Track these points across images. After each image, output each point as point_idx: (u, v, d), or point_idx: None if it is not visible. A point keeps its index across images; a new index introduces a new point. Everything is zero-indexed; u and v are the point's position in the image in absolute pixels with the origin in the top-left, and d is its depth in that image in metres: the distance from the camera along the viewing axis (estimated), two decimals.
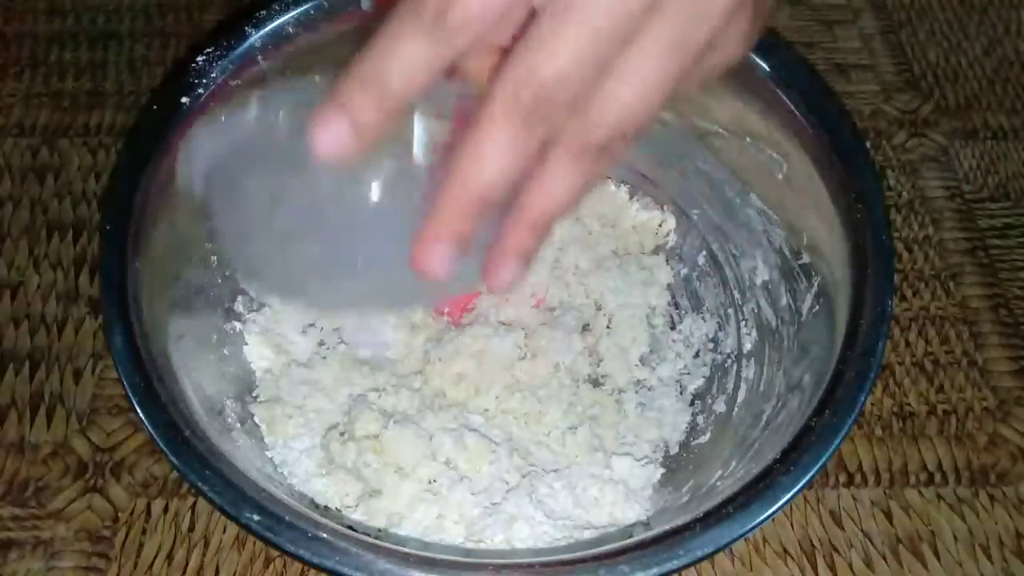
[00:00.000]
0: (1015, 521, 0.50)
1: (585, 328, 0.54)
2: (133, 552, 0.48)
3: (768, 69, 0.47)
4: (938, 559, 0.49)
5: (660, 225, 0.57)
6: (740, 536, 0.35)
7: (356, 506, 0.45)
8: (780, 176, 0.48)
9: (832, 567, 0.49)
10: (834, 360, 0.39)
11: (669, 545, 0.35)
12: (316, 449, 0.47)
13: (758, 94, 0.47)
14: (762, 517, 0.35)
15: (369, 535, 0.37)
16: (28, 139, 0.64)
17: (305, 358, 0.51)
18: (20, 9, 0.71)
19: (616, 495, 0.46)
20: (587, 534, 0.44)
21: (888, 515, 0.50)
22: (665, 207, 0.57)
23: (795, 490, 0.36)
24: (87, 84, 0.67)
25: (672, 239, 0.57)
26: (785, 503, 0.36)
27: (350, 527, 0.38)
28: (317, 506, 0.45)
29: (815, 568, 0.49)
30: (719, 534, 0.35)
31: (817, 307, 0.45)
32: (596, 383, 0.53)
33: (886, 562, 0.49)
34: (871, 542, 0.50)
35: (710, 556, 0.35)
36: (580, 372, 0.52)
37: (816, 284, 0.45)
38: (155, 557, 0.48)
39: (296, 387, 0.49)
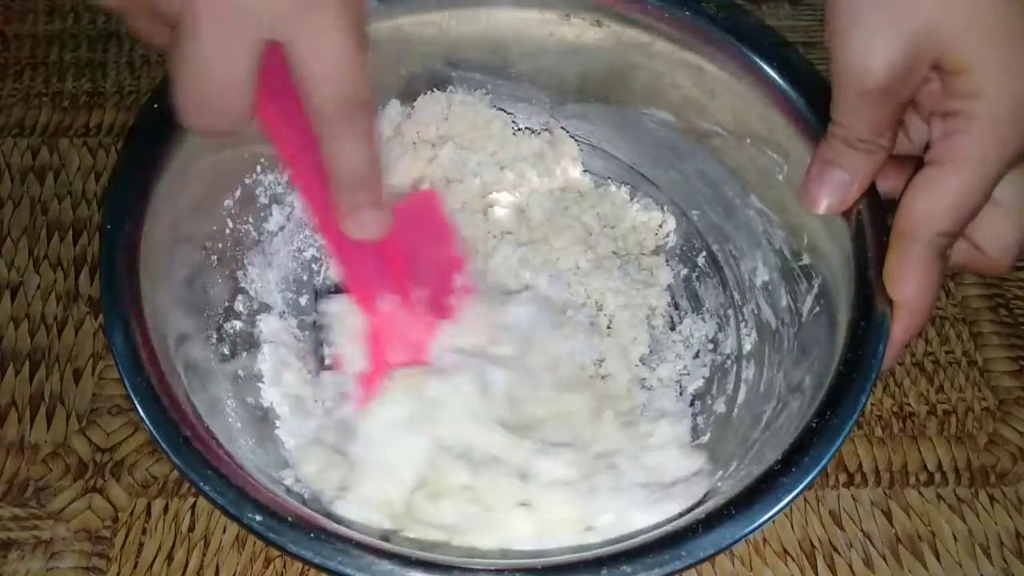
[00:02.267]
0: (1015, 521, 0.50)
1: None
2: (133, 552, 0.48)
3: (768, 69, 0.47)
4: (938, 559, 0.49)
5: (660, 225, 0.57)
6: (741, 537, 0.35)
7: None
8: (780, 176, 0.48)
9: (832, 567, 0.49)
10: (834, 361, 0.39)
11: (671, 546, 0.35)
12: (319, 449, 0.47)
13: (758, 94, 0.47)
14: (763, 518, 0.35)
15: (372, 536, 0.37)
16: (28, 139, 0.64)
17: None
18: (20, 9, 0.71)
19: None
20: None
21: (888, 515, 0.51)
22: (665, 207, 0.57)
23: (796, 491, 0.36)
24: (87, 84, 0.67)
25: (672, 239, 0.57)
26: (786, 504, 0.36)
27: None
28: None
29: (815, 568, 0.49)
30: (721, 535, 0.35)
31: (817, 308, 0.45)
32: None
33: (886, 562, 0.49)
34: (871, 542, 0.50)
35: (712, 557, 0.35)
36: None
37: (816, 285, 0.45)
38: (155, 557, 0.48)
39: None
